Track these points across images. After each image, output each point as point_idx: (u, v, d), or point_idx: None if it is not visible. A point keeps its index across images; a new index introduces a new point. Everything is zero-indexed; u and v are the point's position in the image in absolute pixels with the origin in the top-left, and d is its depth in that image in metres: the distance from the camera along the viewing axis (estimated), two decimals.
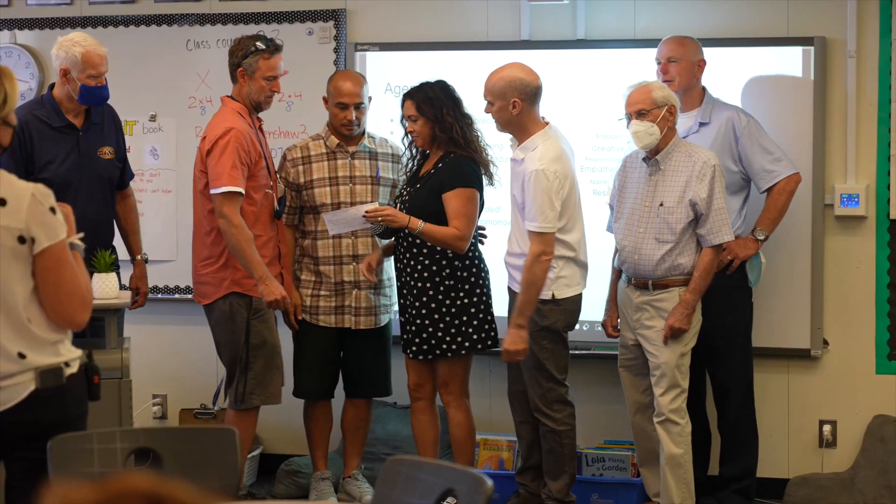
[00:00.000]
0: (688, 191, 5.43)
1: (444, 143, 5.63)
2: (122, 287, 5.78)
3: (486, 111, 5.58)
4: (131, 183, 6.00)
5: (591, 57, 6.31)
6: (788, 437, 6.27)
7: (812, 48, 6.06)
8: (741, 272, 5.81)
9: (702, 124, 5.81)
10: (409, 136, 5.72)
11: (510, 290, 5.72)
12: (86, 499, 1.62)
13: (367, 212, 5.55)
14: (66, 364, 3.62)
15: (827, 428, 6.22)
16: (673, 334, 5.46)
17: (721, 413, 5.96)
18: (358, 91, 5.86)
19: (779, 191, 5.77)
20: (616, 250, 5.72)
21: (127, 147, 5.98)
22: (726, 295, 5.75)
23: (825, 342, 6.19)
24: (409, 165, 5.82)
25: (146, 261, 6.01)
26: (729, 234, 5.48)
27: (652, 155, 5.52)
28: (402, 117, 5.72)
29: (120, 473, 1.65)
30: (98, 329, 5.35)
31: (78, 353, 3.68)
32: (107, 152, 5.75)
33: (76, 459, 3.41)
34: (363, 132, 5.96)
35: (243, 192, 5.61)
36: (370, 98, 5.96)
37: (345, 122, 5.85)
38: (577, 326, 5.83)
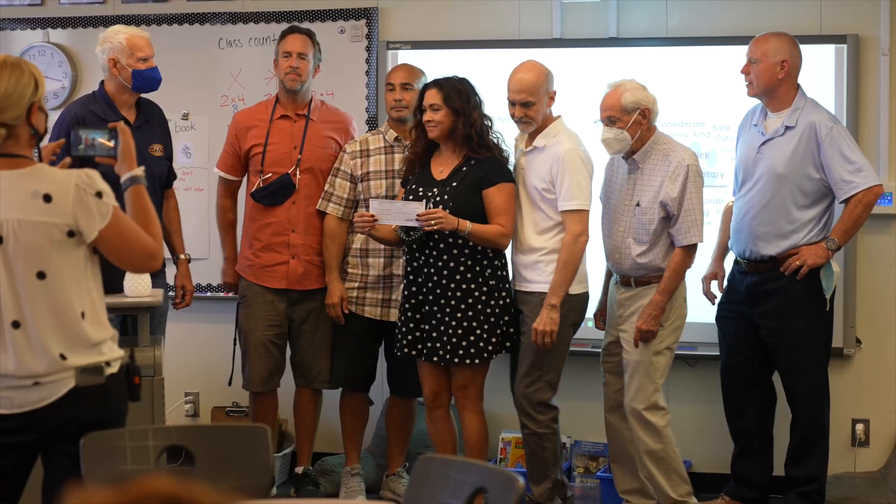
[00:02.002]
0: (661, 191, 5.39)
1: (462, 139, 5.53)
2: (168, 287, 5.95)
3: (519, 113, 5.54)
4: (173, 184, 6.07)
5: (623, 55, 6.29)
6: None
7: (845, 46, 6.04)
8: (813, 279, 5.56)
9: (787, 128, 5.55)
10: (425, 126, 5.56)
11: (518, 292, 5.65)
12: (105, 502, 1.62)
13: (419, 215, 5.41)
14: (107, 363, 3.63)
15: (860, 427, 6.20)
16: (643, 337, 5.42)
17: (793, 415, 5.78)
18: (405, 75, 5.93)
19: (856, 202, 5.48)
20: None
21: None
22: (795, 300, 5.58)
23: (858, 341, 6.16)
24: (412, 164, 5.69)
25: (189, 260, 6.06)
26: (698, 235, 5.38)
27: (629, 155, 5.49)
28: (417, 107, 5.63)
29: (140, 476, 1.66)
30: (130, 327, 5.38)
31: (120, 353, 3.69)
32: (157, 149, 5.80)
33: (109, 457, 3.43)
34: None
35: (227, 176, 6.12)
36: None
37: (394, 105, 5.90)
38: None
